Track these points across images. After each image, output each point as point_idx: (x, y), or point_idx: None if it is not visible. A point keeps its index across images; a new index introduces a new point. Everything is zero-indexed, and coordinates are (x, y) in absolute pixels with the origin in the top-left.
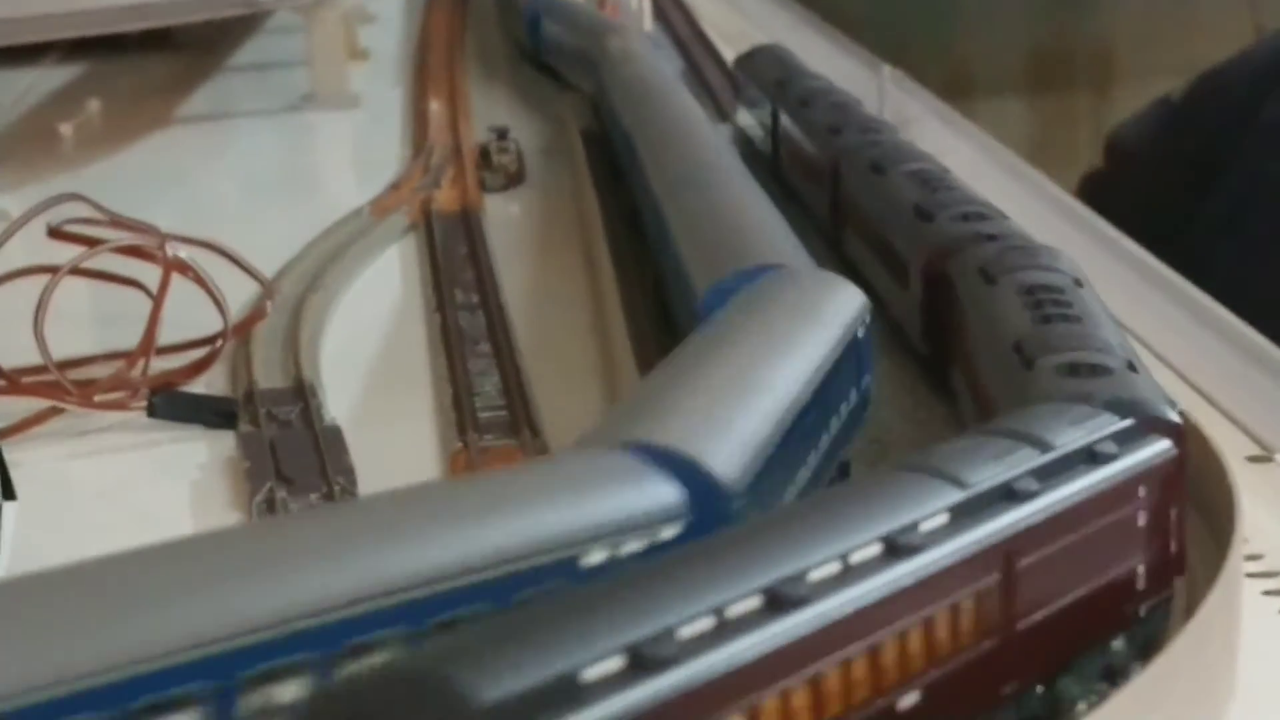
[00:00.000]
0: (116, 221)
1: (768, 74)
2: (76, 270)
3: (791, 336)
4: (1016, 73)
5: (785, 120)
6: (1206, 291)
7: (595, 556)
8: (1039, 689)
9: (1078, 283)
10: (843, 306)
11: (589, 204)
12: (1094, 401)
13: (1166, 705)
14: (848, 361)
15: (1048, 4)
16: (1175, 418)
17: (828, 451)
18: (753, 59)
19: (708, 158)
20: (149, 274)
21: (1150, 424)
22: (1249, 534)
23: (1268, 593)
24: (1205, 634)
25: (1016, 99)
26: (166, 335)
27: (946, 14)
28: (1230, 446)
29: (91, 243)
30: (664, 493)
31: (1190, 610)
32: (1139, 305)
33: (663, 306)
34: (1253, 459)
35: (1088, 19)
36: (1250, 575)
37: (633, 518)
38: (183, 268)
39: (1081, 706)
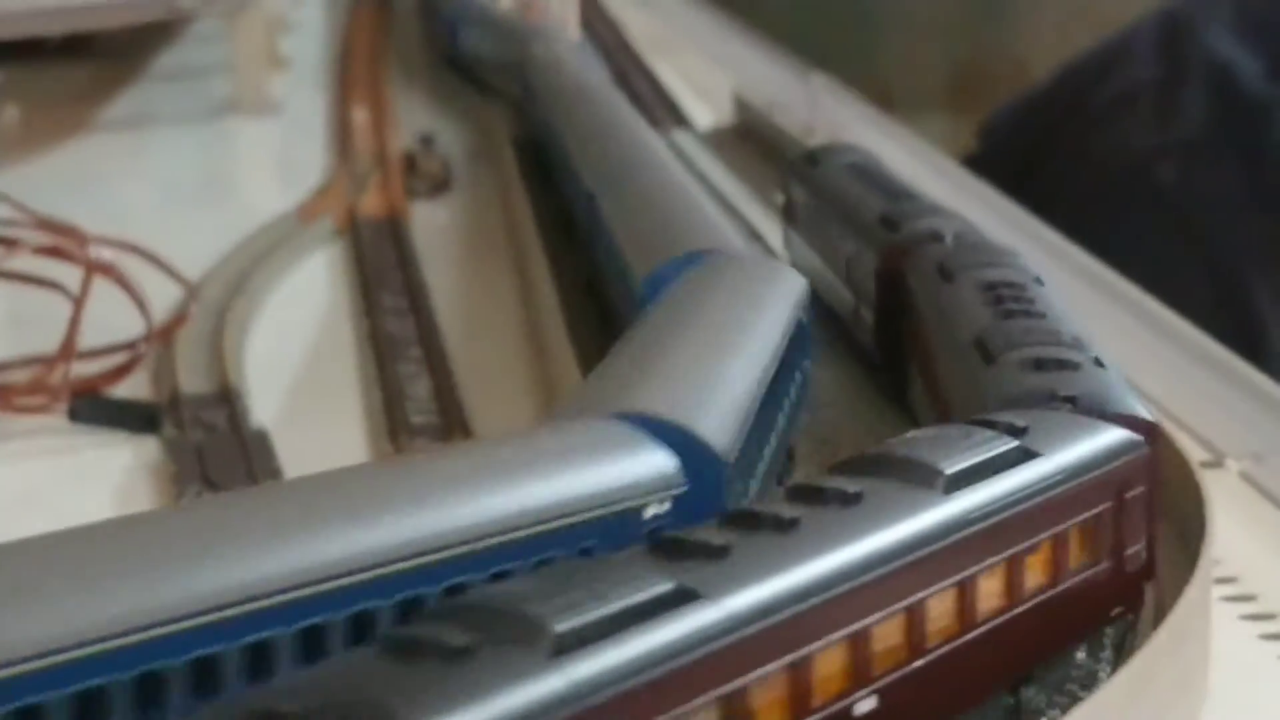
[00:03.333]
0: (39, 222)
1: (860, 203)
2: None
3: (750, 315)
4: (937, 86)
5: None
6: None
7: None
8: (1009, 699)
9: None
10: (789, 290)
11: (520, 207)
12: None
13: (1142, 707)
14: (796, 343)
15: (966, 19)
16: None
17: (783, 432)
18: (823, 166)
19: (639, 150)
20: (70, 276)
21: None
22: None
23: (1226, 598)
24: (1178, 637)
25: (937, 111)
26: (87, 339)
27: (868, 28)
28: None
29: (11, 243)
30: (660, 461)
31: (1161, 613)
32: (1085, 311)
33: (597, 301)
34: (1204, 464)
35: (1005, 34)
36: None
37: (631, 486)
38: (105, 270)
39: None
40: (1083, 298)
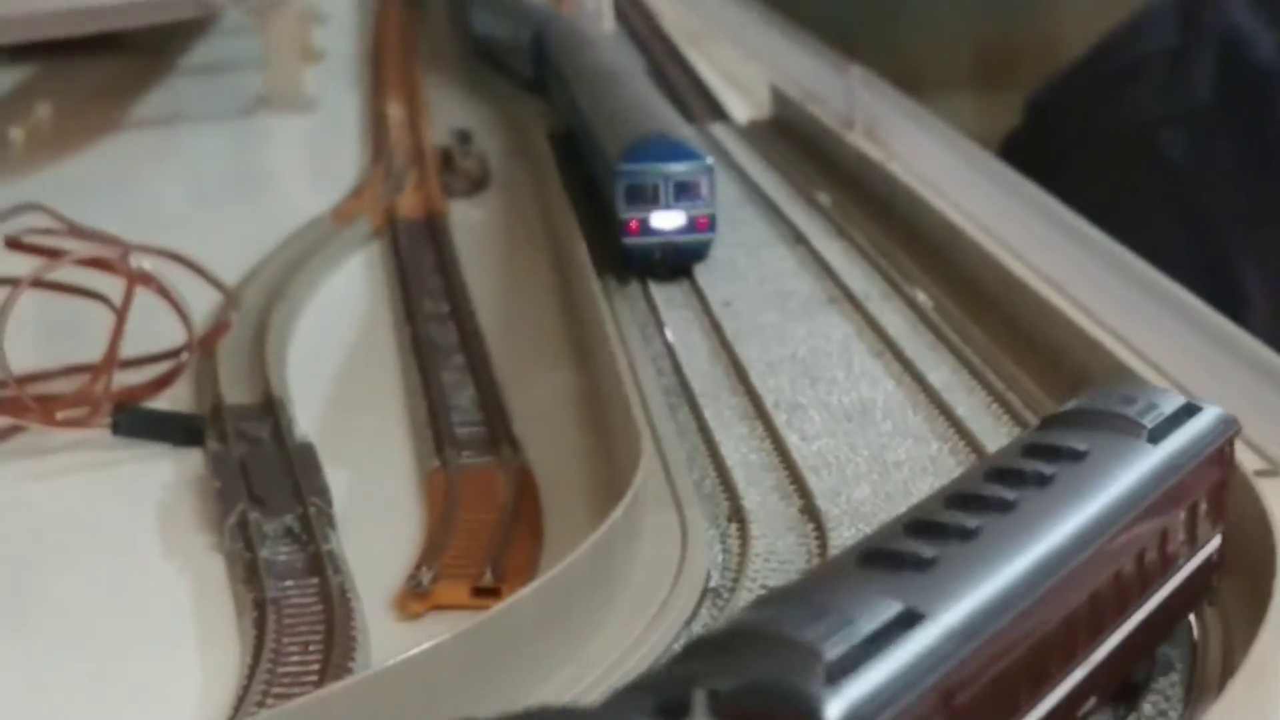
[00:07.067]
0: (78, 232)
1: None
2: (38, 283)
3: None
4: (965, 65)
5: None
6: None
7: None
8: None
9: None
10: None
11: (558, 204)
12: None
13: None
14: None
15: (996, 3)
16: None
17: None
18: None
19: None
20: (110, 285)
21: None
22: None
23: None
24: (1254, 681)
25: (966, 90)
26: (128, 348)
27: (896, 7)
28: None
29: (52, 254)
30: None
31: (1229, 639)
32: (1133, 314)
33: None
34: (1260, 473)
35: (1033, 11)
36: None
37: None
38: (146, 279)
39: None
40: (1132, 302)
